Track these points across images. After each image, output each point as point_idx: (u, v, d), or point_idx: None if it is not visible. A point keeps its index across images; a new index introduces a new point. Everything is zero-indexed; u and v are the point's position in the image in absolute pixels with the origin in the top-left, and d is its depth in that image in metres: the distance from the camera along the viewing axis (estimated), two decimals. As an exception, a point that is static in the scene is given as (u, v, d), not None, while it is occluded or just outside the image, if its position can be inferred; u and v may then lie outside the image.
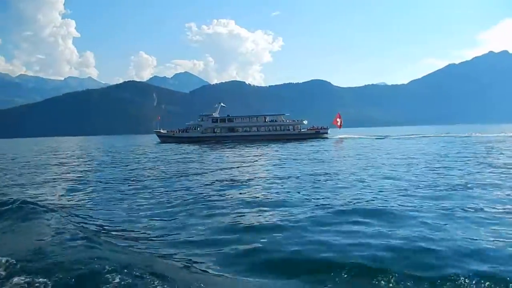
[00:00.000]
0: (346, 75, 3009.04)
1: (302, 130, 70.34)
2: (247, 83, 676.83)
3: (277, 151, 39.28)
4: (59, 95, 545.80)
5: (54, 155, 45.30)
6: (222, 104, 78.39)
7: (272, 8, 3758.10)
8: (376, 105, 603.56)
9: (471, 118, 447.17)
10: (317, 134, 68.34)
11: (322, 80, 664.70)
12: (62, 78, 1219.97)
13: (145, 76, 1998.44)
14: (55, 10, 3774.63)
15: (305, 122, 73.92)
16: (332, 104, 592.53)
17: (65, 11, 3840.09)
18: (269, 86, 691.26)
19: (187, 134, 72.94)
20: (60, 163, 31.00)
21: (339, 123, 70.12)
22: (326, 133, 69.30)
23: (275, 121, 72.60)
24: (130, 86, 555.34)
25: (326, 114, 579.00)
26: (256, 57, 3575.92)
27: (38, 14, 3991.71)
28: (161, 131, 77.38)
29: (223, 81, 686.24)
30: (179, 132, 75.10)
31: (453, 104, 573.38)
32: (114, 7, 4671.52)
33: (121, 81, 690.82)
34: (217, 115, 74.75)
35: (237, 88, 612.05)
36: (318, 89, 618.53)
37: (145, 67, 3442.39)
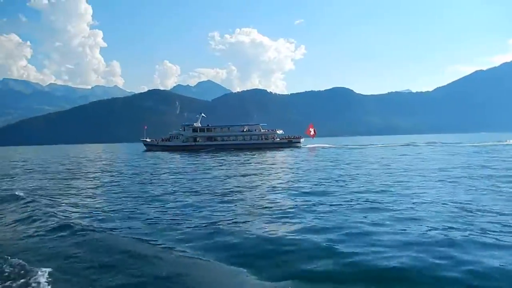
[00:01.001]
0: (370, 83, 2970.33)
1: (276, 140, 72.58)
2: (269, 91, 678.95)
3: (264, 159, 39.81)
4: (85, 104, 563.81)
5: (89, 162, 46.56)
6: (203, 114, 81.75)
7: (295, 17, 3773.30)
8: (400, 113, 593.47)
9: (498, 126, 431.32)
10: (290, 143, 71.10)
11: (344, 87, 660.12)
12: (89, 87, 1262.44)
13: (169, 84, 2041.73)
14: (84, 21, 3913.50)
15: (281, 131, 76.10)
16: (354, 112, 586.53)
17: (93, 22, 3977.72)
18: (290, 94, 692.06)
19: (169, 143, 75.90)
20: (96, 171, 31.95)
21: (312, 133, 73.96)
22: (299, 142, 71.81)
23: (253, 130, 74.98)
24: (154, 94, 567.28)
25: (348, 122, 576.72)
26: (279, 65, 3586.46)
27: (68, 25, 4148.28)
28: (147, 140, 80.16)
29: (245, 89, 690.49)
30: (162, 140, 77.98)
31: (479, 111, 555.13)
32: (140, 18, 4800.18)
33: (145, 89, 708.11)
34: (199, 125, 77.27)
35: (258, 96, 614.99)
36: (340, 96, 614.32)
37: (169, 76, 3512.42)
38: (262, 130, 75.52)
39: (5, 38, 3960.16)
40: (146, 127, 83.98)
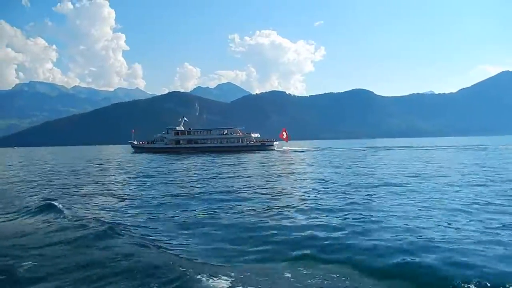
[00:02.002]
0: (391, 84, 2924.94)
1: (250, 143, 75.33)
2: (287, 93, 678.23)
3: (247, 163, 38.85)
4: (107, 106, 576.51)
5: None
6: (185, 118, 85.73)
7: (314, 18, 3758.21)
8: (422, 114, 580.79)
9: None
10: (264, 146, 73.97)
11: (364, 89, 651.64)
12: (112, 89, 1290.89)
13: (189, 86, 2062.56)
14: (107, 25, 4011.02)
15: (257, 135, 79.39)
16: (374, 113, 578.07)
17: (116, 26, 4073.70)
18: (309, 95, 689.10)
19: (154, 145, 78.98)
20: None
21: (285, 137, 76.76)
22: (272, 145, 74.63)
23: (232, 134, 77.46)
24: (174, 96, 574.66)
25: (368, 124, 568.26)
26: (298, 67, 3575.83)
27: (92, 29, 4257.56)
28: (134, 142, 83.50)
29: (264, 91, 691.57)
30: (147, 143, 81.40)
31: (506, 113, 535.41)
32: (161, 21, 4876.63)
33: (166, 91, 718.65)
34: (181, 128, 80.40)
35: (277, 98, 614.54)
36: (360, 98, 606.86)
37: (190, 78, 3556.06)
38: (239, 134, 77.72)
39: (32, 42, 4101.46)
40: (134, 131, 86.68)
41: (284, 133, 76.90)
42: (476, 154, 44.27)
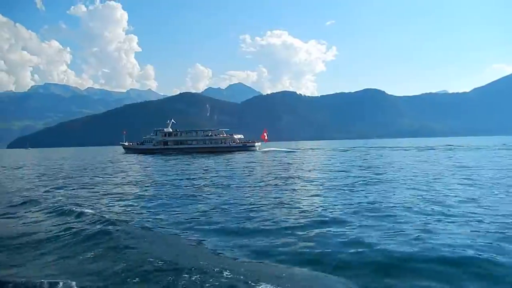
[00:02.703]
0: (403, 84, 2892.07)
1: (233, 144, 77.92)
2: (298, 93, 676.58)
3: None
4: (119, 107, 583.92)
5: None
6: (173, 120, 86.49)
7: (326, 18, 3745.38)
8: (434, 114, 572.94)
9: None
10: (245, 147, 76.43)
11: (375, 89, 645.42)
12: (124, 90, 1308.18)
13: (200, 87, 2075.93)
14: (120, 26, 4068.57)
15: (240, 136, 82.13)
16: (386, 113, 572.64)
17: (128, 27, 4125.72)
18: (320, 96, 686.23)
19: (142, 146, 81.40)
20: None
21: (265, 138, 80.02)
22: (253, 146, 76.62)
23: (216, 135, 79.97)
24: (185, 97, 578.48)
25: (380, 124, 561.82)
26: (309, 67, 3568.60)
27: (105, 31, 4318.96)
28: (125, 143, 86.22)
29: (275, 92, 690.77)
30: (137, 144, 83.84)
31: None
32: (173, 22, 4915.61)
33: (178, 92, 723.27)
34: (169, 130, 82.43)
35: (287, 99, 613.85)
36: (371, 98, 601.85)
37: (201, 79, 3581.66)
38: (223, 135, 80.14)
39: (46, 45, 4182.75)
40: (125, 132, 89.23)
41: (265, 134, 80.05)
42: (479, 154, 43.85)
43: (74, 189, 19.37)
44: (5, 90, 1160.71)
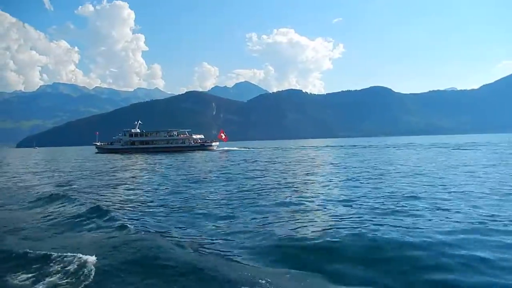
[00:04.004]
0: (410, 81, 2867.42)
1: (192, 143, 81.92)
2: (304, 91, 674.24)
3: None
4: (126, 106, 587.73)
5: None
6: (140, 122, 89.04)
7: (333, 15, 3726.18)
8: (442, 112, 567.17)
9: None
10: (203, 146, 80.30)
11: (382, 86, 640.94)
12: (132, 90, 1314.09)
13: (207, 86, 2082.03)
14: (127, 26, 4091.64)
15: (201, 136, 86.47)
16: (393, 111, 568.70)
17: (135, 27, 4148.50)
18: (326, 94, 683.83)
19: (112, 146, 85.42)
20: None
21: (223, 137, 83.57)
22: (211, 145, 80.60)
23: (177, 135, 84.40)
24: (191, 96, 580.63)
25: (386, 122, 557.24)
26: (316, 65, 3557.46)
27: (112, 30, 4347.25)
28: (97, 143, 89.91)
29: (281, 90, 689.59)
30: (107, 144, 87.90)
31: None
32: (179, 21, 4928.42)
33: (185, 91, 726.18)
34: (137, 131, 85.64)
35: (293, 97, 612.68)
36: (377, 96, 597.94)
37: (208, 77, 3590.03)
38: (183, 135, 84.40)
39: (55, 45, 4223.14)
40: (97, 133, 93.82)
41: (222, 134, 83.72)
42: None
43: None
44: (15, 89, 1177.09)
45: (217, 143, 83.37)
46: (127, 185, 20.41)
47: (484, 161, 29.39)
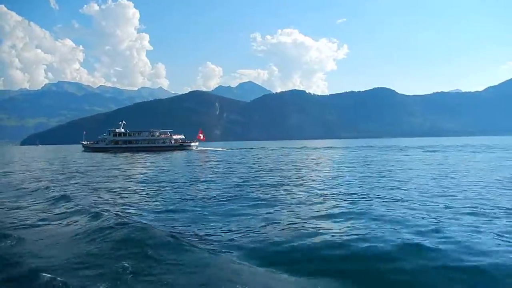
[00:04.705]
0: (415, 83, 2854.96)
1: (172, 143, 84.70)
2: (307, 92, 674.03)
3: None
4: (130, 105, 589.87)
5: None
6: (124, 122, 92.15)
7: (337, 16, 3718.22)
8: (446, 114, 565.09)
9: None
10: (182, 146, 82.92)
11: (385, 88, 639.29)
12: (136, 89, 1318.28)
13: (211, 85, 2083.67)
14: (131, 25, 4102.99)
15: (181, 136, 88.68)
16: (396, 112, 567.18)
17: (140, 26, 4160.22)
18: (329, 94, 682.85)
19: (96, 145, 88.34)
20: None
21: (202, 137, 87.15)
22: (190, 145, 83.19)
23: (158, 135, 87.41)
24: (195, 96, 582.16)
25: (390, 123, 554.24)
26: (320, 65, 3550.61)
27: (117, 29, 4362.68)
28: (84, 142, 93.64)
29: (284, 90, 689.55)
30: (93, 143, 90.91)
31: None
32: (184, 20, 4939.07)
33: (188, 90, 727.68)
34: (121, 130, 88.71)
35: (297, 97, 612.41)
36: (380, 97, 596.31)
37: (212, 77, 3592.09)
38: (163, 135, 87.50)
39: (60, 43, 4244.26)
40: (85, 132, 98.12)
41: (200, 134, 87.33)
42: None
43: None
44: (20, 88, 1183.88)
45: (197, 143, 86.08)
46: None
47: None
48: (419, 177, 20.37)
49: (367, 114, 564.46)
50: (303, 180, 19.98)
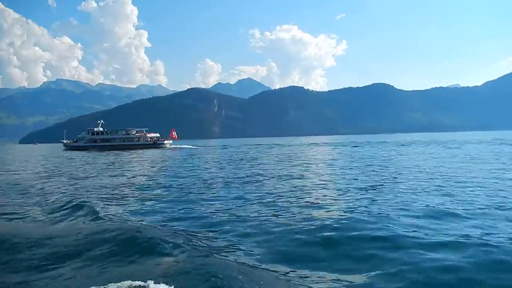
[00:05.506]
0: (414, 78, 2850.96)
1: (146, 141, 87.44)
2: (306, 88, 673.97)
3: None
4: (129, 102, 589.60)
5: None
6: (102, 121, 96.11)
7: (336, 11, 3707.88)
8: (445, 109, 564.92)
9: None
10: (155, 144, 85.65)
11: (384, 83, 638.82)
12: (135, 86, 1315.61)
13: (210, 82, 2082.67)
14: (130, 22, 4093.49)
15: (156, 134, 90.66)
16: (394, 108, 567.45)
17: (139, 23, 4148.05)
18: (328, 91, 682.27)
19: (76, 144, 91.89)
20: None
21: (174, 136, 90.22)
22: (163, 143, 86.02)
23: (133, 133, 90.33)
24: (193, 93, 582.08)
25: (388, 119, 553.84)
26: (319, 62, 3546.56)
27: (115, 26, 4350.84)
28: (64, 141, 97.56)
29: (283, 87, 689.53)
30: (72, 142, 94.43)
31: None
32: (183, 17, 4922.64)
33: (187, 87, 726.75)
34: (100, 129, 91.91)
35: (295, 94, 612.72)
36: (379, 93, 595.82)
37: (211, 74, 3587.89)
38: (138, 134, 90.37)
39: (58, 41, 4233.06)
40: (65, 131, 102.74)
41: (173, 133, 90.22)
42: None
43: None
44: (18, 86, 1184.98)
45: (170, 141, 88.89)
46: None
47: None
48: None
49: (366, 110, 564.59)
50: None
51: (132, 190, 16.49)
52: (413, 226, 8.80)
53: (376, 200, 12.43)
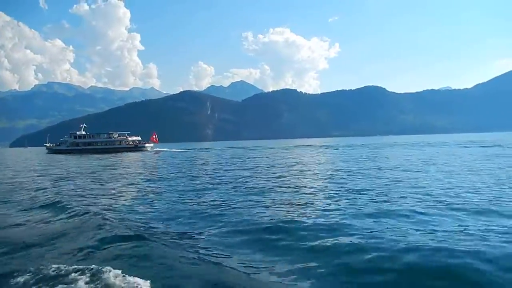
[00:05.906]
0: (406, 80, 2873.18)
1: (127, 144, 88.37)
2: (299, 90, 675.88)
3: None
4: (121, 105, 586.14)
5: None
6: (84, 125, 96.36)
7: (329, 14, 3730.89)
8: (436, 111, 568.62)
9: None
10: (136, 147, 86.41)
11: (376, 86, 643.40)
12: (127, 89, 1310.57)
13: (203, 85, 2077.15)
14: (123, 25, 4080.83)
15: (138, 138, 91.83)
16: (387, 110, 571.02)
17: (131, 26, 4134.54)
18: (321, 93, 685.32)
19: (58, 147, 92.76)
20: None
21: (155, 139, 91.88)
22: (144, 146, 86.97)
23: (114, 137, 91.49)
24: (186, 95, 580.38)
25: (380, 121, 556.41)
26: (312, 64, 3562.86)
27: (108, 29, 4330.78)
28: (47, 145, 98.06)
29: (276, 89, 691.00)
30: (55, 145, 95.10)
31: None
32: (175, 20, 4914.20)
33: (180, 90, 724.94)
34: (82, 133, 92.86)
35: (288, 96, 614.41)
36: (371, 95, 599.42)
37: (204, 77, 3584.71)
38: (119, 137, 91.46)
39: (49, 44, 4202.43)
40: (49, 135, 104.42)
41: (154, 136, 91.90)
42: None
43: None
44: (9, 88, 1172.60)
45: (151, 144, 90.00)
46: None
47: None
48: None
49: (358, 112, 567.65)
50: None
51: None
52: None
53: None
